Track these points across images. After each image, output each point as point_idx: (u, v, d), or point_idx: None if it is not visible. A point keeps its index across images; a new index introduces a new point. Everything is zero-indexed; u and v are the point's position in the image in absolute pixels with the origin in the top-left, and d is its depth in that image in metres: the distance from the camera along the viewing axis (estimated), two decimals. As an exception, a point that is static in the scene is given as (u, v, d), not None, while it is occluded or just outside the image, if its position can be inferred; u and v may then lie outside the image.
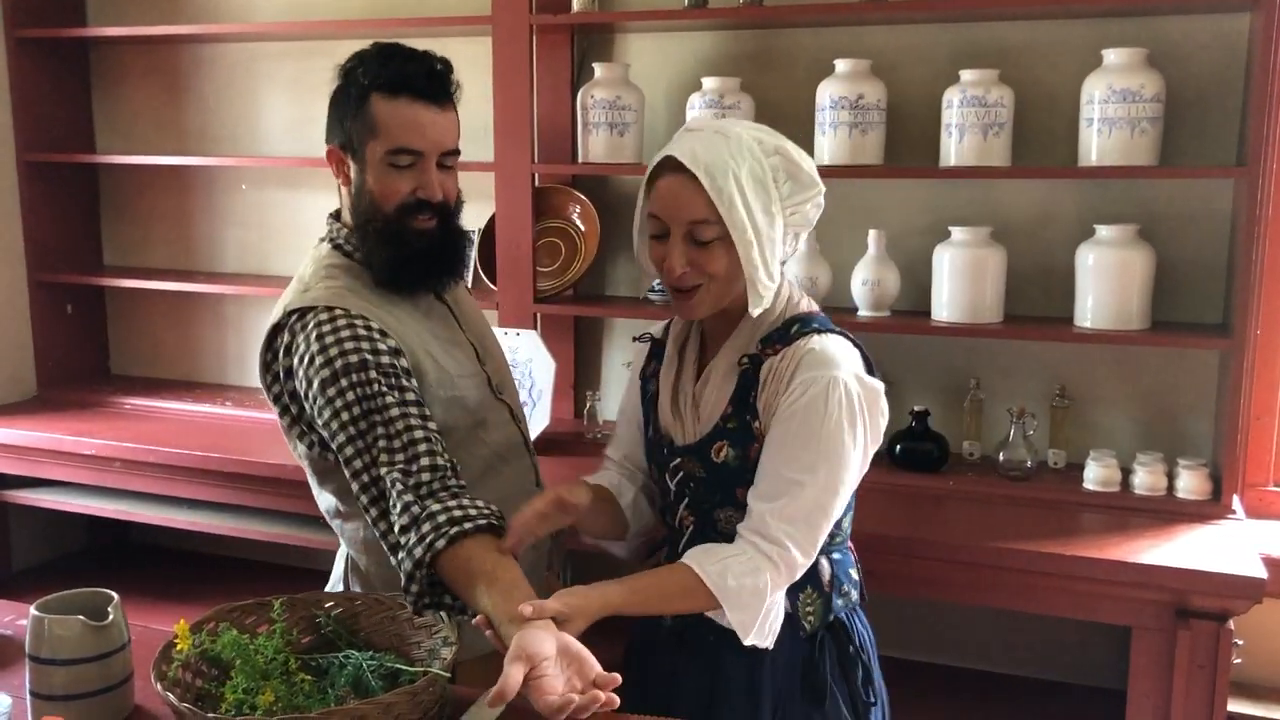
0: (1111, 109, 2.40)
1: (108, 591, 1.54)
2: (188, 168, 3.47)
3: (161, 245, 3.60)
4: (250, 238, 3.49)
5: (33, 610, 1.48)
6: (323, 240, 1.77)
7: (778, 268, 1.58)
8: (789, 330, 1.59)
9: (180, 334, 3.62)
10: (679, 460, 1.65)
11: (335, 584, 1.86)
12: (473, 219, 1.82)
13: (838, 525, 1.61)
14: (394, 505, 1.52)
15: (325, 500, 1.77)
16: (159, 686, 1.34)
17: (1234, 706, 2.35)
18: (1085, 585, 2.19)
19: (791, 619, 1.59)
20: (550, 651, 1.31)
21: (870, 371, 1.60)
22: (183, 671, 1.42)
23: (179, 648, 1.42)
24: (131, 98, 3.54)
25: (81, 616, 1.47)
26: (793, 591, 1.59)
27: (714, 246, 1.53)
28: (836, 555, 1.66)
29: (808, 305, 1.65)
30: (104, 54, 3.54)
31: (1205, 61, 2.52)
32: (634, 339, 1.82)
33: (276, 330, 1.66)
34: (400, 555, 1.51)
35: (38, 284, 3.42)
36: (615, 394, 3.06)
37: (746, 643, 1.52)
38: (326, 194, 3.29)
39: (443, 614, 1.51)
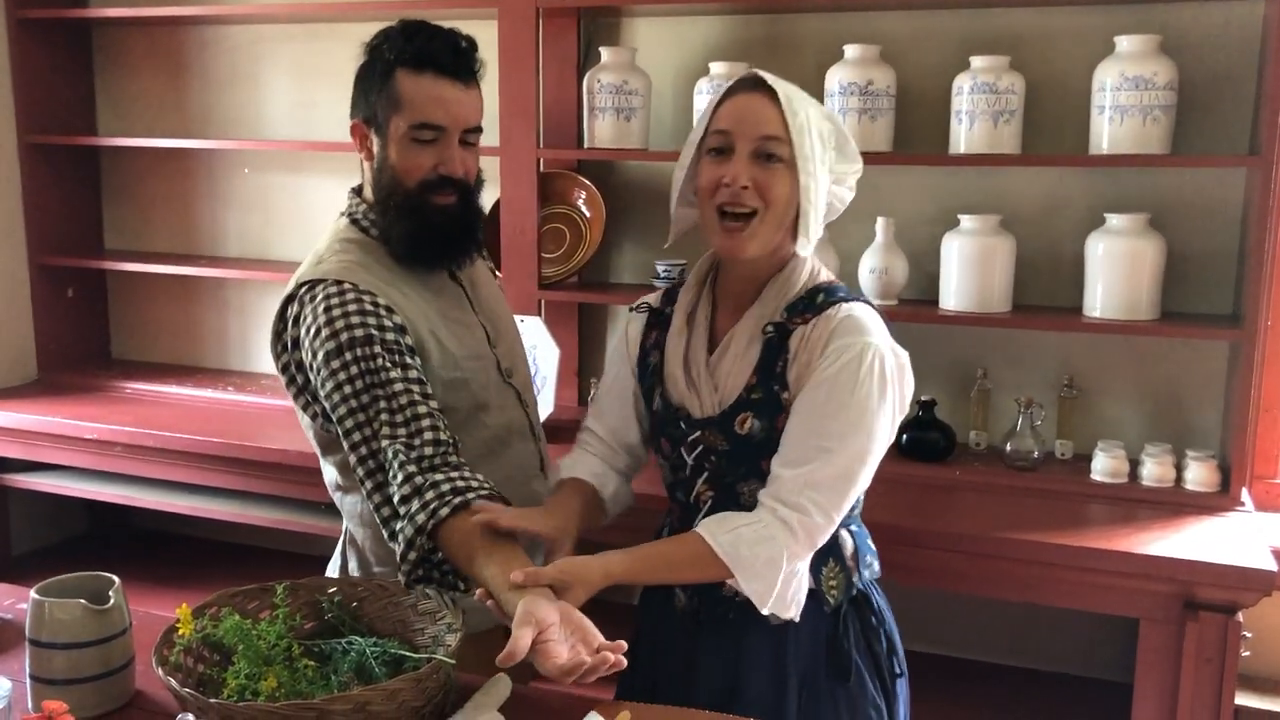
0: (1123, 97, 2.38)
1: (109, 575, 1.53)
2: (190, 151, 3.44)
3: (163, 229, 3.58)
4: (252, 221, 3.47)
5: (33, 594, 1.47)
6: (342, 214, 1.77)
7: (822, 218, 1.60)
8: (814, 299, 1.58)
9: (182, 318, 3.60)
10: (699, 433, 1.61)
11: (335, 560, 1.87)
12: (479, 203, 1.81)
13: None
14: (394, 476, 1.51)
15: (328, 473, 1.78)
16: (160, 671, 1.33)
17: (1241, 700, 2.35)
18: (1092, 577, 2.18)
19: (815, 594, 1.58)
20: (555, 618, 1.31)
21: None
22: (184, 657, 1.41)
23: (181, 632, 1.41)
24: (134, 80, 3.52)
25: (82, 600, 1.46)
26: (815, 566, 1.57)
27: (778, 171, 1.53)
28: (854, 528, 1.65)
29: (828, 276, 1.64)
30: (106, 36, 3.52)
31: (1218, 49, 2.50)
32: (630, 309, 1.77)
33: (289, 301, 1.67)
34: (399, 524, 1.50)
35: (39, 267, 3.40)
36: (619, 381, 3.04)
37: (765, 611, 1.50)
38: (330, 178, 3.28)
39: (447, 599, 1.50)
